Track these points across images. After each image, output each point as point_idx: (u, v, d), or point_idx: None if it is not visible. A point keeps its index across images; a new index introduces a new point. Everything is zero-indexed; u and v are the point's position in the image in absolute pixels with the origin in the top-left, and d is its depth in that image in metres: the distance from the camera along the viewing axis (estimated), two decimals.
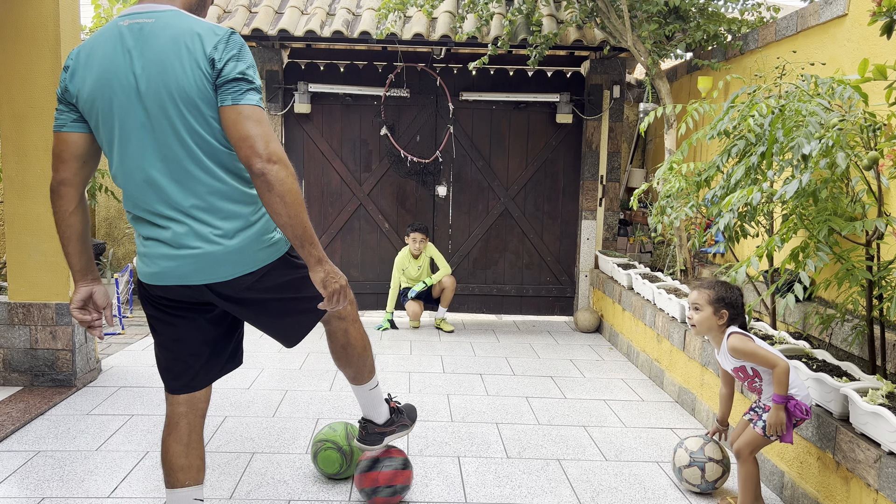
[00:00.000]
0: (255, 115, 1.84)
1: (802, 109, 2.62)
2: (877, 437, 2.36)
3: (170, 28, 1.87)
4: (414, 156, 6.13)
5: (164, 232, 1.96)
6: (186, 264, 1.96)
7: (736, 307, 2.71)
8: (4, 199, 4.06)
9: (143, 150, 1.91)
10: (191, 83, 1.85)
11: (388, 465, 2.72)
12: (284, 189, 1.82)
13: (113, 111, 1.90)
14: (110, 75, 1.89)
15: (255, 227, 2.02)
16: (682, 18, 4.99)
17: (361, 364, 2.47)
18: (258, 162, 1.81)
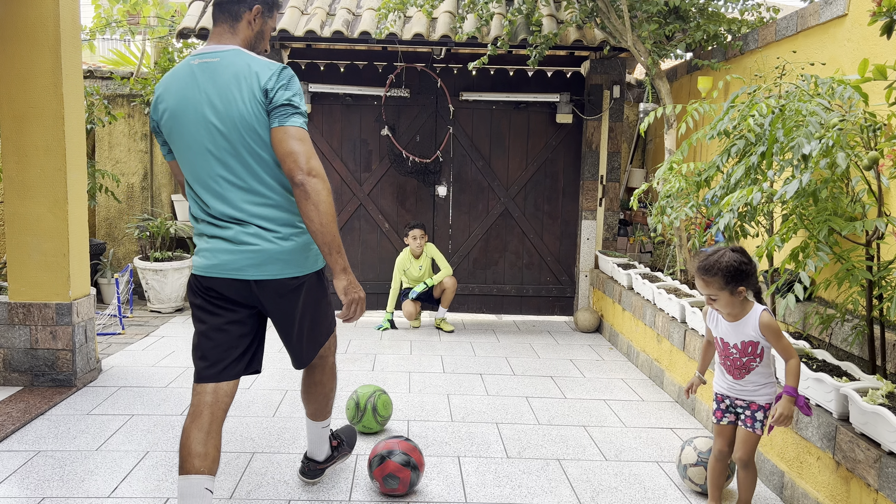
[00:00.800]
0: (298, 135, 2.17)
1: (802, 109, 2.62)
2: (877, 437, 2.36)
3: (232, 66, 2.22)
4: (414, 156, 6.13)
5: (227, 231, 2.26)
6: (243, 258, 2.25)
7: (746, 275, 2.48)
8: (4, 199, 4.06)
9: (212, 168, 2.24)
10: (250, 112, 2.19)
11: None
12: (319, 199, 2.14)
13: (185, 137, 2.25)
14: (183, 106, 2.24)
15: (306, 236, 2.33)
16: (682, 18, 4.99)
17: (324, 403, 2.74)
18: (299, 174, 2.14)
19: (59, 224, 3.98)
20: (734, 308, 2.55)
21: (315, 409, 2.74)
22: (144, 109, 6.60)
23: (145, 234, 6.17)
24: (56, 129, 3.92)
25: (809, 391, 2.78)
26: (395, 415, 3.78)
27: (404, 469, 2.76)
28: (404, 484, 2.78)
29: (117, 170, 6.65)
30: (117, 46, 8.69)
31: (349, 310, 2.27)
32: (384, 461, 2.77)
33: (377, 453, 2.81)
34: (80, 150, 4.12)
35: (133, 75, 6.61)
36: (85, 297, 4.18)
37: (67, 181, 3.97)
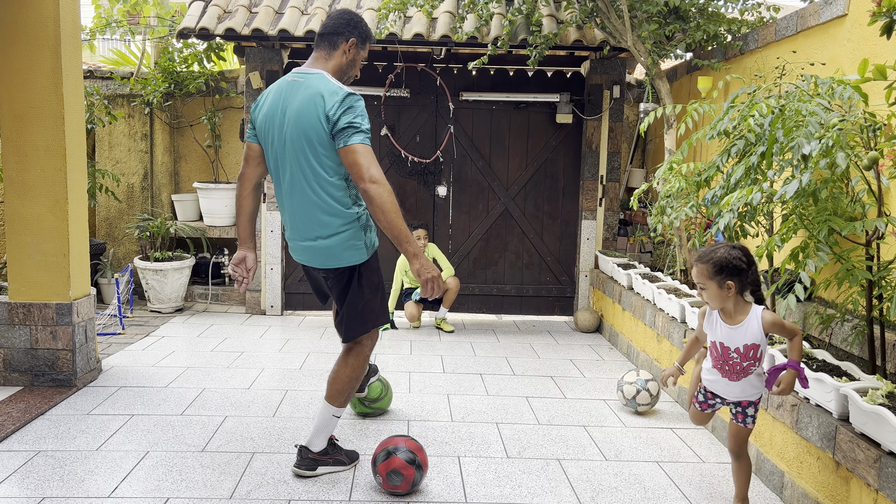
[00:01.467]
0: (360, 150, 2.59)
1: (802, 109, 2.62)
2: (877, 437, 2.36)
3: (312, 87, 2.70)
4: (414, 156, 6.13)
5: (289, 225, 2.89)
6: (306, 253, 2.86)
7: (739, 272, 2.49)
8: (4, 199, 4.06)
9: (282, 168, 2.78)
10: (313, 128, 2.66)
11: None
12: (382, 201, 2.56)
13: (270, 136, 2.80)
14: (272, 113, 2.78)
15: (343, 234, 2.78)
16: (682, 18, 4.99)
17: (345, 388, 2.95)
18: (362, 183, 2.58)
19: (60, 224, 3.98)
20: (720, 302, 2.54)
21: (336, 390, 2.94)
22: (144, 109, 6.60)
23: (145, 234, 6.17)
24: (56, 129, 3.92)
25: (810, 391, 2.78)
26: (395, 415, 3.78)
27: (409, 467, 2.77)
28: (407, 482, 2.78)
29: (117, 170, 6.65)
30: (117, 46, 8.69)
31: (427, 288, 2.63)
32: (390, 456, 2.77)
33: (383, 448, 2.82)
34: (81, 150, 4.12)
35: (133, 75, 6.61)
36: (85, 297, 4.18)
37: (67, 181, 3.97)
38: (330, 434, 3.02)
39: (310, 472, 2.97)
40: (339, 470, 3.05)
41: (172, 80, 6.44)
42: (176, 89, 6.48)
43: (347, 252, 2.79)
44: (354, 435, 3.47)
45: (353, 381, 2.96)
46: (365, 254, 2.84)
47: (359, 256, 2.82)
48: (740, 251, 2.50)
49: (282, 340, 5.29)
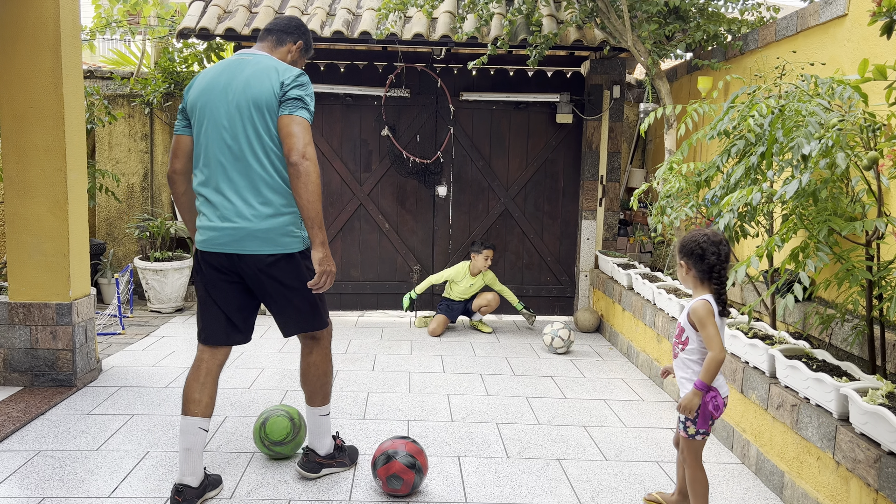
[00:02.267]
0: (303, 124, 2.54)
1: (802, 109, 2.62)
2: (877, 437, 2.36)
3: (262, 63, 2.64)
4: (415, 156, 6.13)
5: (213, 208, 2.63)
6: (226, 235, 2.60)
7: (692, 255, 2.47)
8: (4, 199, 4.06)
9: (220, 140, 2.60)
10: (265, 96, 2.56)
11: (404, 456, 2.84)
12: (308, 179, 2.50)
13: (207, 112, 2.63)
14: (211, 87, 2.64)
15: (284, 217, 2.63)
16: (682, 18, 4.99)
17: (320, 385, 2.90)
18: (295, 155, 2.50)
19: (60, 224, 3.98)
20: (683, 281, 2.58)
21: (310, 391, 2.90)
22: (144, 109, 6.60)
23: (145, 234, 6.17)
24: (56, 129, 3.92)
25: (810, 391, 2.78)
26: (395, 415, 3.78)
27: (409, 471, 2.76)
28: (407, 486, 2.78)
29: (117, 170, 6.65)
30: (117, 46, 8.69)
31: (320, 279, 2.59)
32: (390, 461, 2.76)
33: (383, 452, 2.81)
34: (81, 150, 4.12)
35: (133, 75, 6.61)
36: (85, 297, 4.18)
37: (67, 181, 3.97)
38: (330, 433, 3.00)
39: (313, 475, 2.96)
40: (341, 471, 3.04)
41: (172, 80, 6.44)
42: (176, 89, 6.48)
43: (286, 238, 2.64)
44: (354, 435, 3.47)
45: (325, 377, 2.90)
46: (301, 244, 2.70)
47: (297, 244, 2.68)
48: (709, 240, 2.45)
49: (282, 340, 5.29)
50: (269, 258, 2.62)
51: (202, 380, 2.72)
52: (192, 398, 2.70)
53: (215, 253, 2.65)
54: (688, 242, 2.51)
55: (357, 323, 6.07)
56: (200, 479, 2.72)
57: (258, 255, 2.61)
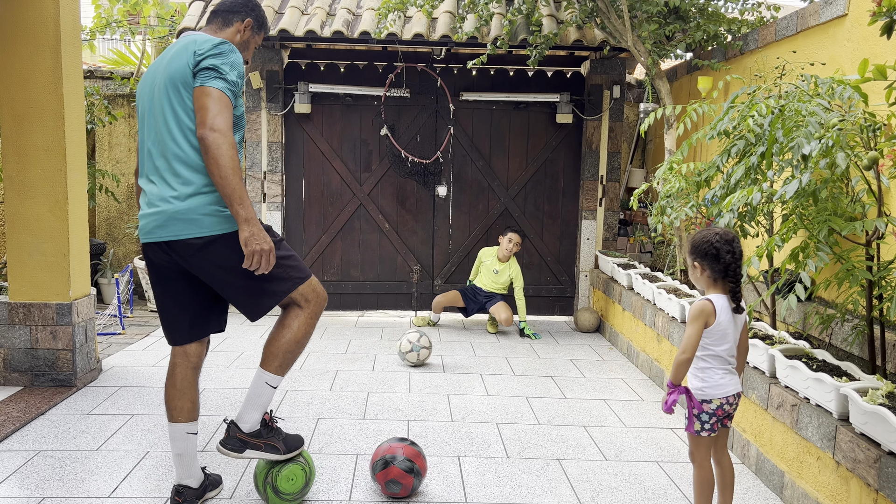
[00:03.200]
0: (214, 94, 2.31)
1: (802, 109, 2.62)
2: (877, 437, 2.36)
3: (188, 39, 2.44)
4: (414, 156, 6.13)
5: (145, 196, 2.47)
6: (151, 221, 2.42)
7: (705, 256, 2.43)
8: (4, 199, 4.06)
9: (149, 124, 2.46)
10: (179, 71, 2.37)
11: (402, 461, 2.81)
12: (219, 153, 2.25)
13: (140, 102, 2.53)
14: (145, 77, 2.53)
15: (206, 196, 2.39)
16: (682, 18, 4.99)
17: (281, 351, 2.55)
18: (202, 129, 2.28)
19: (60, 224, 3.98)
20: (695, 281, 2.53)
21: (271, 352, 2.54)
22: None
23: None
24: (56, 129, 3.92)
25: (810, 391, 2.78)
26: (395, 415, 3.78)
27: (407, 476, 2.76)
28: (406, 489, 2.78)
29: (117, 170, 6.65)
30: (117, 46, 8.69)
31: (250, 260, 2.34)
32: (388, 466, 2.76)
33: (381, 457, 2.79)
34: (81, 150, 4.12)
35: (133, 75, 6.61)
36: (85, 297, 4.18)
37: (67, 181, 3.97)
38: (264, 409, 2.60)
39: (235, 454, 2.56)
40: (271, 457, 2.61)
41: None
42: None
43: (210, 218, 2.38)
44: (354, 435, 3.47)
45: (295, 345, 2.55)
46: (230, 224, 2.41)
47: (224, 226, 2.39)
48: (721, 239, 2.43)
49: None
50: (198, 241, 2.37)
51: (178, 386, 2.60)
52: (174, 406, 2.59)
53: (151, 245, 2.45)
54: (700, 243, 2.46)
55: (357, 323, 6.07)
56: (200, 480, 2.69)
57: (186, 239, 2.37)
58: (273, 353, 2.54)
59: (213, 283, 2.48)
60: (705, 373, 2.45)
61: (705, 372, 2.45)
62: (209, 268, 2.43)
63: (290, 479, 2.67)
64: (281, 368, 2.56)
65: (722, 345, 2.43)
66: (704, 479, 2.51)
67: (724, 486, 2.55)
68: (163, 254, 2.45)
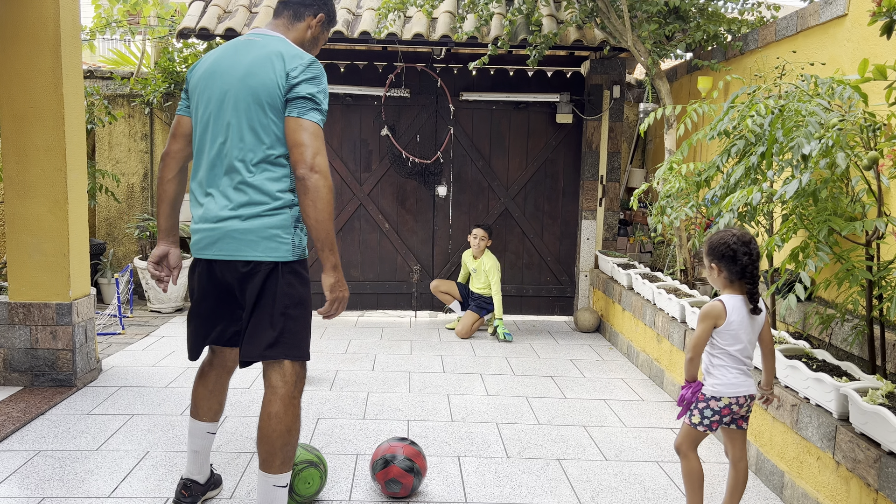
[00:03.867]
0: (312, 129, 2.22)
1: (802, 109, 2.62)
2: (877, 437, 2.36)
3: (269, 47, 2.32)
4: (415, 156, 6.13)
5: (200, 209, 2.35)
6: (206, 237, 2.32)
7: (723, 257, 2.43)
8: (4, 199, 4.06)
9: (213, 133, 2.32)
10: (265, 90, 2.24)
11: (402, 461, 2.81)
12: (318, 196, 2.18)
13: (203, 97, 2.36)
14: (213, 71, 2.35)
15: (268, 219, 2.28)
16: (682, 18, 4.99)
17: (278, 446, 2.29)
18: (303, 168, 2.18)
19: (59, 224, 3.98)
20: (712, 283, 2.55)
21: (267, 450, 2.29)
22: (144, 109, 6.60)
23: (145, 234, 6.17)
24: (56, 129, 3.92)
25: (810, 391, 2.78)
26: (395, 415, 3.78)
27: (407, 475, 2.76)
28: (406, 489, 2.78)
29: (117, 170, 6.65)
30: (117, 46, 8.69)
31: (331, 306, 2.31)
32: (388, 465, 2.76)
33: (381, 456, 2.80)
34: (80, 150, 4.12)
35: (133, 75, 6.61)
36: (85, 297, 4.18)
37: (67, 181, 3.97)
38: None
39: None
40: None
41: (172, 80, 6.44)
42: (176, 89, 6.47)
43: (268, 242, 2.26)
44: (354, 435, 3.47)
45: (289, 435, 2.32)
46: (290, 252, 2.30)
47: (282, 252, 2.28)
48: (738, 240, 2.44)
49: None
50: (247, 265, 2.27)
51: (211, 387, 2.59)
52: (202, 405, 2.59)
53: (201, 260, 2.39)
54: (717, 245, 2.46)
55: (357, 323, 6.07)
56: (207, 477, 2.71)
57: (234, 260, 2.28)
58: (271, 452, 2.30)
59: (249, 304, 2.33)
60: (718, 370, 2.48)
61: (718, 369, 2.48)
62: (248, 292, 2.31)
63: (308, 483, 2.68)
64: (284, 465, 2.32)
65: (735, 345, 2.44)
66: (692, 471, 2.53)
67: (735, 487, 2.57)
68: (209, 270, 2.38)
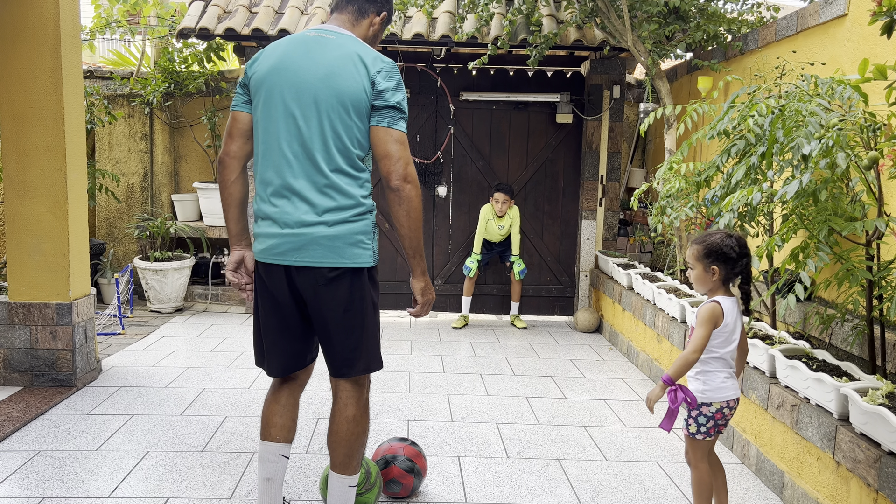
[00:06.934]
0: (401, 140, 2.20)
1: (802, 109, 2.62)
2: (877, 437, 2.36)
3: (346, 46, 2.24)
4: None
5: (274, 210, 2.24)
6: (287, 243, 2.22)
7: (728, 260, 2.41)
8: (4, 199, 4.06)
9: (288, 132, 2.22)
10: (352, 92, 2.18)
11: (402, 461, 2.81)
12: (411, 206, 2.20)
13: (274, 93, 2.23)
14: (283, 66, 2.23)
15: (354, 224, 2.23)
16: (682, 18, 4.99)
17: (355, 448, 2.35)
18: (396, 179, 2.17)
19: (59, 224, 3.98)
20: (703, 285, 2.48)
21: (346, 453, 2.33)
22: (144, 109, 6.60)
23: (145, 234, 6.17)
24: (56, 129, 3.92)
25: (810, 391, 2.78)
26: (395, 415, 3.78)
27: (408, 475, 2.76)
28: (406, 489, 2.78)
29: (117, 170, 6.65)
30: (117, 46, 8.68)
31: (423, 308, 2.35)
32: (388, 466, 2.76)
33: (381, 456, 2.80)
34: (80, 150, 4.12)
35: (133, 75, 6.61)
36: (85, 297, 4.18)
37: (67, 181, 3.97)
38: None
39: None
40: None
41: (172, 80, 6.44)
42: (176, 89, 6.48)
43: (354, 249, 2.23)
44: None
45: (364, 435, 2.38)
46: (371, 258, 2.29)
47: (365, 258, 2.26)
48: (735, 240, 2.43)
49: None
50: (333, 272, 2.21)
51: (283, 402, 2.43)
52: (273, 422, 2.40)
53: (275, 267, 2.25)
54: (717, 246, 2.42)
55: None
56: None
57: (319, 267, 2.21)
58: (349, 455, 2.34)
59: (322, 317, 2.28)
60: (707, 375, 2.45)
61: (707, 374, 2.45)
62: (331, 301, 2.24)
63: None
64: (358, 465, 2.39)
65: (726, 347, 2.43)
66: (702, 482, 2.51)
67: (718, 486, 2.55)
68: (286, 278, 2.26)
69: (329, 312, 2.25)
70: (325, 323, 2.27)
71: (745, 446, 3.26)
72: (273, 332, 2.35)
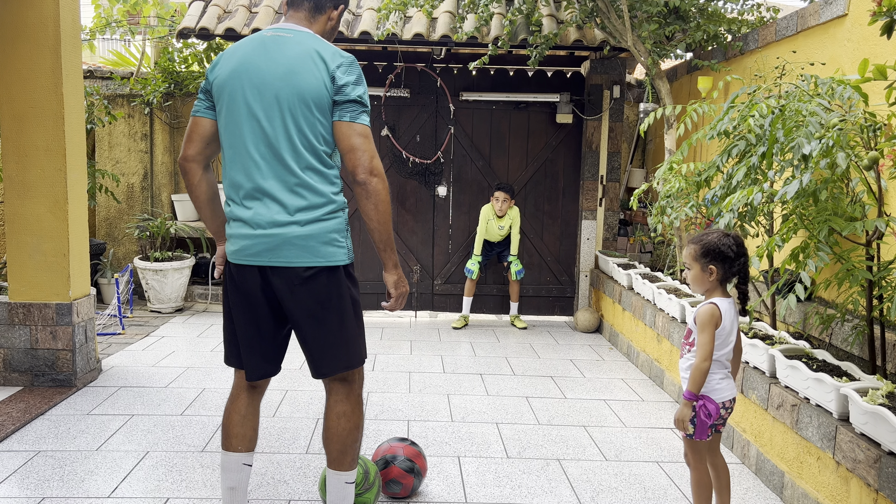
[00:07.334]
0: (365, 133, 2.20)
1: (802, 110, 2.62)
2: (877, 437, 2.36)
3: (304, 44, 2.24)
4: (415, 156, 6.13)
5: (247, 212, 2.24)
6: (260, 244, 2.22)
7: (726, 259, 2.40)
8: (4, 199, 4.06)
9: (253, 134, 2.22)
10: (313, 89, 2.19)
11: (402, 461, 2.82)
12: (379, 199, 2.20)
13: (238, 99, 2.24)
14: (244, 69, 2.24)
15: (326, 223, 2.25)
16: (682, 18, 4.99)
17: (349, 444, 2.38)
18: (362, 173, 2.17)
19: (59, 224, 3.98)
20: (700, 285, 2.47)
21: (339, 449, 2.36)
22: (144, 109, 6.60)
23: (145, 234, 6.17)
24: (56, 129, 3.92)
25: (810, 391, 2.78)
26: (395, 415, 3.78)
27: (408, 475, 2.76)
28: (406, 489, 2.78)
29: (117, 170, 6.65)
30: (117, 46, 8.69)
31: (397, 302, 2.36)
32: (388, 466, 2.76)
33: (381, 457, 2.80)
34: (80, 150, 4.12)
35: (133, 75, 6.61)
36: (85, 297, 4.18)
37: (67, 181, 3.97)
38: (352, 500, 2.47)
39: None
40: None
41: (172, 80, 6.44)
42: (176, 89, 6.48)
43: (329, 247, 2.24)
44: None
45: (357, 431, 2.41)
46: (346, 255, 2.30)
47: (340, 256, 2.28)
48: (732, 240, 2.43)
49: None
50: (308, 271, 2.22)
51: (244, 412, 2.41)
52: (235, 433, 2.39)
53: (249, 268, 2.26)
54: (712, 245, 2.41)
55: None
56: None
57: (294, 266, 2.21)
58: (342, 451, 2.37)
59: (300, 317, 2.27)
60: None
61: None
62: (307, 301, 2.25)
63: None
64: (354, 461, 2.42)
65: (724, 348, 2.42)
66: (701, 482, 2.50)
67: (721, 487, 2.55)
68: (260, 279, 2.26)
69: (306, 312, 2.25)
70: (302, 323, 2.27)
71: (746, 446, 3.26)
72: (247, 335, 2.33)
